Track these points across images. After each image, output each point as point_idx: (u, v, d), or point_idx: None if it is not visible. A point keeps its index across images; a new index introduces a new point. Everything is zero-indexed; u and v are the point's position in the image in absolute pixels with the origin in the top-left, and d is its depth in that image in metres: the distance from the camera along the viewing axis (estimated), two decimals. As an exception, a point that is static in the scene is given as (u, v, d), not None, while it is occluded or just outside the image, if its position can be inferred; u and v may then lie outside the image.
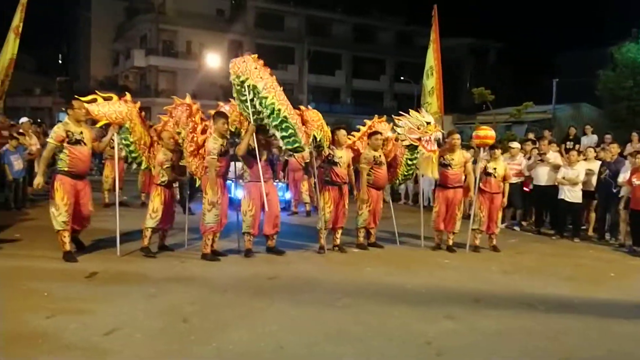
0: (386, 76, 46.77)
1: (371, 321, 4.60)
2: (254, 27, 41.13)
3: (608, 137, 11.14)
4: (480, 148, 8.13)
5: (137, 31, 40.96)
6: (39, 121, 17.55)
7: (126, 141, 6.44)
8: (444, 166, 7.61)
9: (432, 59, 10.69)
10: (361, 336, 4.26)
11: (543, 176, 9.64)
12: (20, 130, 10.59)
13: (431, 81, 10.70)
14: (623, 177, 8.54)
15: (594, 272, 6.98)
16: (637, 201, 8.09)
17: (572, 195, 9.05)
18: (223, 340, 4.04)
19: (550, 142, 10.36)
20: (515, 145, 10.48)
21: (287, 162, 11.08)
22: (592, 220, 9.60)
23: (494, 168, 7.84)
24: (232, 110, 6.64)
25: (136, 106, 6.51)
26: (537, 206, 10.15)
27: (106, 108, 6.26)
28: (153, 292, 5.12)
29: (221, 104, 6.83)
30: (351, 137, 7.71)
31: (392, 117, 7.71)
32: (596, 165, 9.30)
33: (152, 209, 6.50)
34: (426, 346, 4.12)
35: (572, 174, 9.05)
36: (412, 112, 7.40)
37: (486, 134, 7.74)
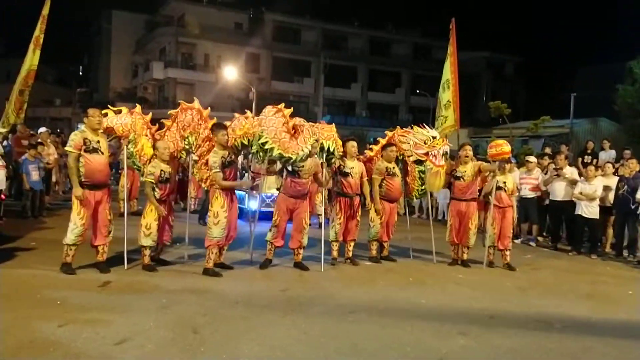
0: (402, 89, 46.78)
1: (384, 336, 4.55)
2: (271, 41, 41.57)
3: (627, 153, 11.00)
4: (496, 162, 8.02)
5: (157, 44, 41.62)
6: (59, 131, 17.86)
7: (129, 152, 6.44)
8: (457, 178, 7.55)
9: (449, 72, 10.66)
10: (374, 351, 4.21)
11: (560, 191, 9.52)
12: (38, 140, 10.76)
13: (447, 94, 10.65)
14: (642, 193, 8.40)
15: (612, 290, 6.84)
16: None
17: (590, 210, 8.92)
18: (233, 352, 4.01)
19: (566, 157, 10.25)
20: (532, 159, 10.38)
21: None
22: (610, 236, 9.44)
23: (504, 182, 7.73)
24: (245, 123, 6.62)
25: (145, 118, 6.49)
26: (554, 221, 10.01)
27: (114, 121, 6.31)
28: (165, 303, 5.12)
29: (237, 115, 6.81)
30: (368, 152, 7.70)
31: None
32: (614, 180, 9.17)
33: (145, 225, 6.25)
34: (439, 362, 4.06)
35: (590, 189, 8.93)
36: (416, 128, 7.38)
37: (502, 150, 7.36)
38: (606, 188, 9.13)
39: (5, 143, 11.07)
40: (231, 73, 31.96)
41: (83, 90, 45.55)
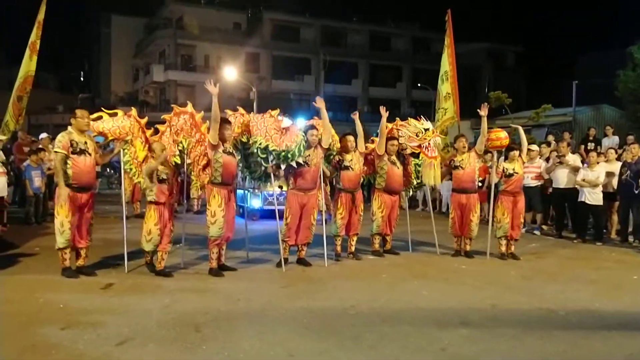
0: (403, 83, 46.68)
1: (385, 328, 4.54)
2: (270, 40, 41.54)
3: (630, 138, 10.95)
4: (495, 151, 8.01)
5: (156, 47, 41.69)
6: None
7: (124, 154, 6.38)
8: (455, 168, 7.56)
9: (447, 64, 10.60)
10: (374, 343, 4.19)
11: (562, 179, 9.48)
12: (40, 146, 10.80)
13: (446, 86, 10.60)
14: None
15: (616, 276, 6.80)
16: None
17: (593, 197, 8.88)
18: (234, 349, 4.01)
19: (568, 145, 10.20)
20: (534, 147, 10.35)
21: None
22: (614, 222, 9.40)
23: (513, 168, 7.67)
24: (243, 120, 6.60)
25: (140, 122, 6.44)
26: (557, 209, 9.97)
27: (110, 124, 6.23)
28: (167, 303, 5.13)
29: (230, 113, 6.73)
30: (369, 146, 7.70)
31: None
32: (617, 166, 9.12)
33: (146, 231, 6.10)
34: (441, 353, 4.04)
35: (592, 176, 8.88)
36: (411, 120, 7.39)
37: (497, 136, 7.51)
38: (609, 174, 9.08)
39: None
40: (231, 73, 31.95)
41: (85, 95, 45.63)
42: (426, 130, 7.15)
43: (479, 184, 8.48)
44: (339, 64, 41.38)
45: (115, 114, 6.40)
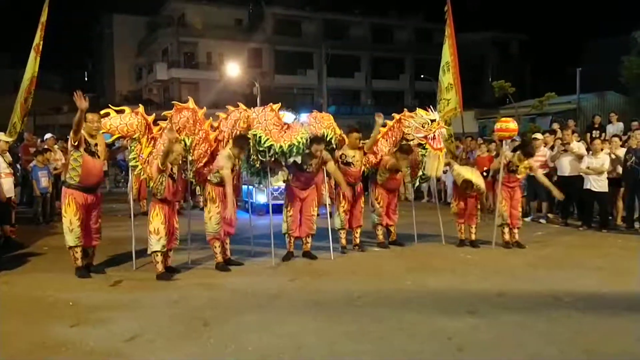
0: (406, 75, 46.46)
1: (392, 318, 4.57)
2: (272, 35, 41.43)
3: (635, 124, 10.89)
4: (502, 141, 8.00)
5: (159, 45, 41.71)
6: (67, 138, 17.96)
7: (130, 151, 6.40)
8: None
9: (448, 55, 10.54)
10: (382, 334, 4.23)
11: (567, 167, 9.46)
12: (45, 146, 10.86)
13: (448, 77, 10.55)
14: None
15: (623, 262, 6.80)
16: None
17: (598, 184, 8.85)
18: (242, 342, 4.06)
19: (573, 132, 10.16)
20: (539, 136, 10.31)
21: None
22: (620, 209, 9.37)
23: (518, 167, 7.62)
24: (247, 114, 6.61)
25: (148, 119, 6.44)
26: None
27: (117, 121, 6.25)
28: (176, 298, 5.18)
29: (231, 108, 6.74)
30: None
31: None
32: (621, 152, 9.08)
33: (154, 231, 5.97)
34: (447, 342, 4.07)
35: (597, 163, 8.85)
36: (419, 111, 7.36)
37: (507, 127, 7.58)
38: (614, 161, 9.05)
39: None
40: (234, 69, 31.97)
41: (89, 95, 45.72)
42: (432, 121, 7.12)
43: (484, 174, 8.46)
44: (342, 57, 41.28)
45: (122, 112, 6.42)
